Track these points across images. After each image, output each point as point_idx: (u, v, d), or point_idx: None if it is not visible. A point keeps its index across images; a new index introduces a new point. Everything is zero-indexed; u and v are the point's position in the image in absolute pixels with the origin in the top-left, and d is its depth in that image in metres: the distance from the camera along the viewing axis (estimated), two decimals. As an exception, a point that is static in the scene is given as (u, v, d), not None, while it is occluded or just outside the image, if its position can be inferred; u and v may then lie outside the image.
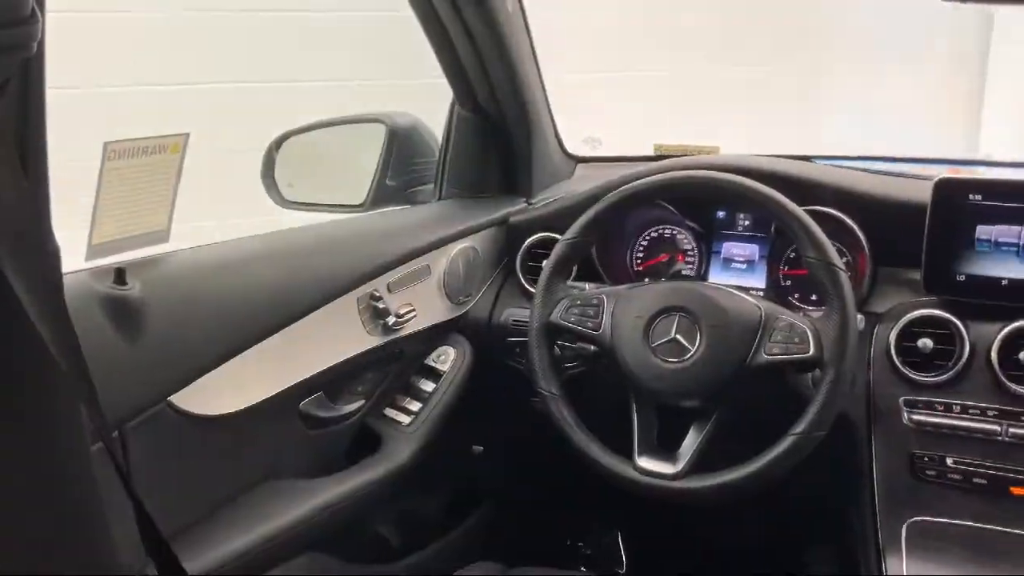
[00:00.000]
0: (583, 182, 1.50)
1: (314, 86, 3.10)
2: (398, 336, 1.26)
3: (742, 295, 1.09)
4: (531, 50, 1.44)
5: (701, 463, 1.06)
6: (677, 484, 1.05)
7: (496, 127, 1.48)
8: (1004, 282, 1.09)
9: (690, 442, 1.08)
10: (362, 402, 1.26)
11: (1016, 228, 1.09)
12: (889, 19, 3.55)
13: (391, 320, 1.23)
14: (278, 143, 1.46)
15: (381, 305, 1.22)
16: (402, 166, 1.48)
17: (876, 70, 3.58)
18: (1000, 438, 1.06)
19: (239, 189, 1.72)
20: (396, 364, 1.31)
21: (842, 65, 3.61)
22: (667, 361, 1.07)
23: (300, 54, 3.13)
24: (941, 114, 3.62)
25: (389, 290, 1.25)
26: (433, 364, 1.36)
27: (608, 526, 1.75)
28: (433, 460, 1.29)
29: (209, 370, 0.98)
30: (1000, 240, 1.09)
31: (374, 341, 1.23)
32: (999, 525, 1.05)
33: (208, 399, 0.99)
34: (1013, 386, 1.06)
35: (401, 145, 1.48)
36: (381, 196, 1.46)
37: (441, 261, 1.34)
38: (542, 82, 1.49)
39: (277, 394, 1.09)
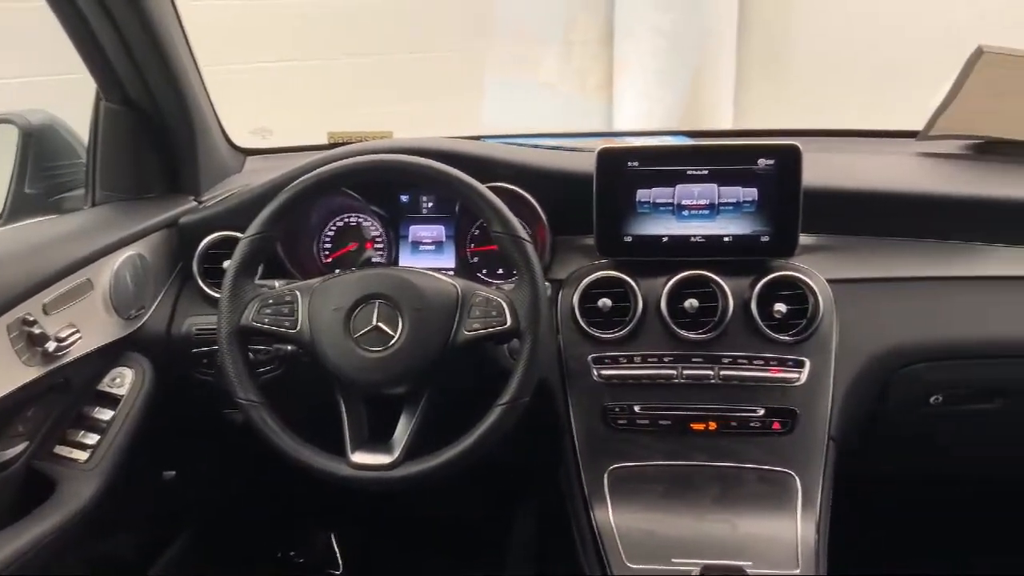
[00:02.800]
0: (256, 175, 1.42)
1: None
2: (62, 363, 1.11)
3: (438, 276, 1.10)
4: (184, 37, 1.32)
5: (416, 448, 1.05)
6: (394, 473, 1.03)
7: (152, 121, 1.34)
8: (665, 239, 1.20)
9: (402, 429, 1.06)
10: (26, 443, 1.09)
11: (670, 190, 1.19)
12: (540, 6, 3.77)
13: (51, 346, 1.07)
14: None
15: (37, 330, 1.06)
16: (42, 171, 1.30)
17: (530, 55, 3.80)
18: (677, 380, 1.17)
19: None
20: (63, 395, 1.15)
21: (499, 50, 3.78)
22: (371, 350, 1.04)
23: None
24: (587, 92, 3.93)
25: (45, 312, 1.09)
26: (108, 389, 1.21)
27: (322, 529, 1.70)
28: (121, 496, 1.16)
29: None
30: (658, 201, 1.20)
31: (32, 373, 1.07)
32: (685, 459, 1.16)
33: None
34: (682, 332, 1.17)
35: (38, 147, 1.30)
36: (20, 207, 1.27)
37: (104, 273, 1.19)
38: (199, 70, 1.38)
39: None
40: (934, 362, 1.21)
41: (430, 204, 1.34)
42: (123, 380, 1.22)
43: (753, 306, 1.17)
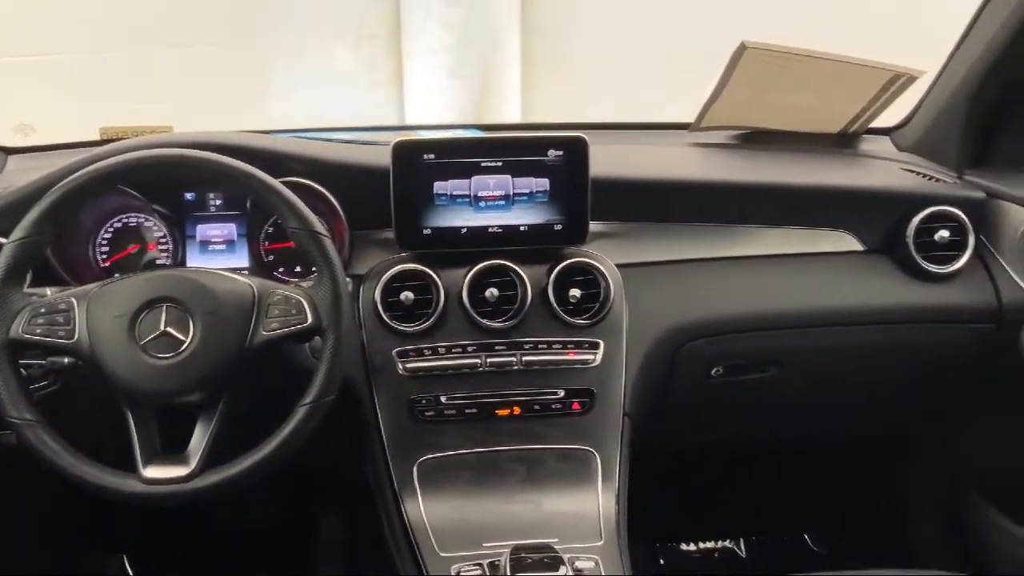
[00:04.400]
0: (19, 175, 1.29)
1: None
2: None
3: (231, 276, 1.05)
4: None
5: (215, 457, 1.00)
6: (191, 485, 0.98)
7: None
8: (463, 230, 1.22)
9: (199, 438, 1.01)
10: None
11: (466, 181, 1.21)
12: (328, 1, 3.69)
13: None
14: None
15: None
16: None
17: (318, 49, 3.71)
18: (481, 369, 1.19)
19: None
20: None
21: (289, 42, 3.66)
22: (160, 357, 0.98)
23: None
24: (378, 86, 3.89)
25: None
26: None
27: (113, 552, 1.59)
28: None
29: None
30: (455, 193, 1.21)
31: None
32: (491, 446, 1.18)
33: None
34: (484, 321, 1.19)
35: None
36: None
37: None
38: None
39: None
40: (713, 337, 1.30)
41: (218, 202, 1.28)
42: None
43: (550, 292, 1.21)
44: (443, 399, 1.19)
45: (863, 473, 1.78)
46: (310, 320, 1.02)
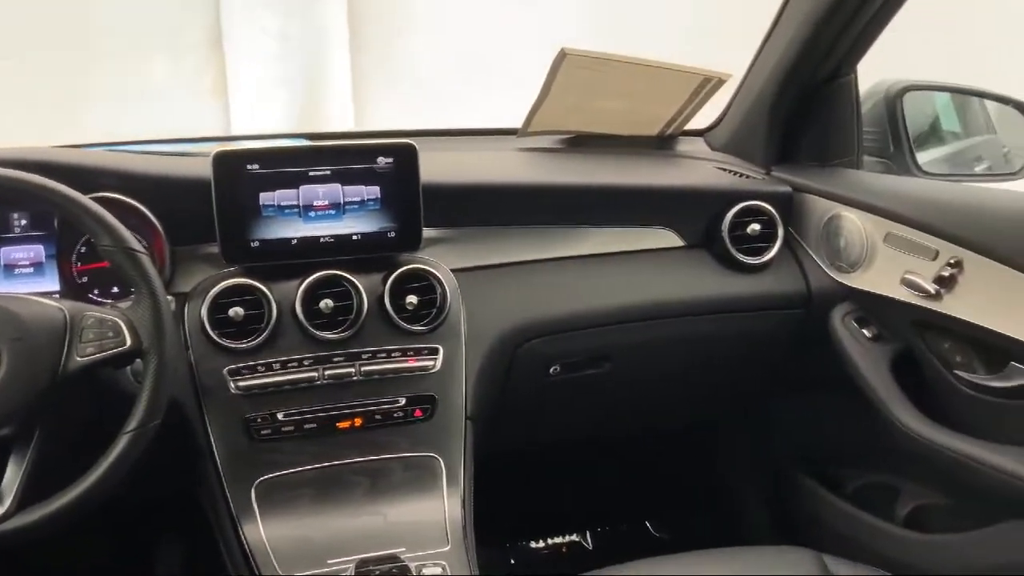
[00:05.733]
0: None
1: None
2: None
3: (38, 300, 0.98)
4: None
5: (32, 495, 0.93)
6: (7, 526, 0.91)
7: None
8: (294, 242, 1.19)
9: (12, 476, 0.93)
10: None
11: (294, 191, 1.18)
12: (142, 12, 3.52)
13: None
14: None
15: None
16: None
17: (137, 60, 3.54)
18: (319, 382, 1.16)
19: None
20: None
21: (105, 55, 3.47)
22: None
23: None
24: (202, 97, 3.75)
25: None
26: None
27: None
28: None
29: None
30: (283, 204, 1.18)
31: None
32: (334, 460, 1.16)
33: None
34: (320, 333, 1.17)
35: None
36: None
37: None
38: None
39: None
40: (549, 336, 1.33)
41: (23, 221, 1.19)
42: None
43: (386, 300, 1.20)
44: (280, 416, 1.15)
45: (695, 458, 1.87)
46: (129, 342, 0.96)
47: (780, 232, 1.43)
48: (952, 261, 1.24)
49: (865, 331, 1.38)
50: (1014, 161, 1.64)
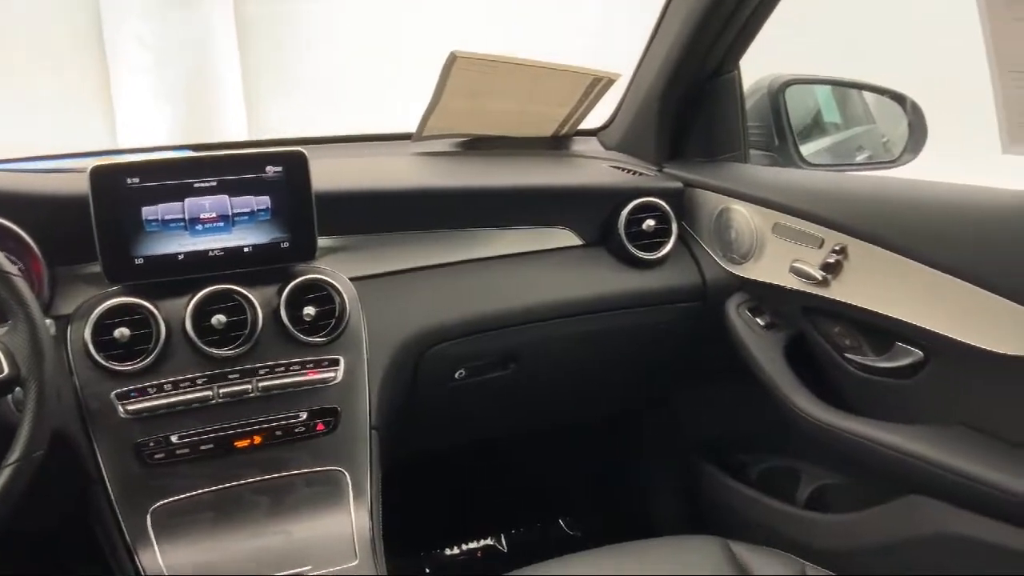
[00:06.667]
0: None
1: None
2: None
3: None
4: None
5: None
6: None
7: None
8: (180, 256, 1.14)
9: None
10: None
11: (178, 204, 1.13)
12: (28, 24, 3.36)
13: None
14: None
15: None
16: None
17: (15, 74, 3.38)
18: (214, 401, 1.12)
19: None
20: None
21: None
22: None
23: None
24: (85, 110, 3.60)
25: None
26: None
27: None
28: None
29: None
30: (167, 218, 1.13)
31: None
32: (233, 480, 1.12)
33: None
34: (213, 350, 1.13)
35: None
36: None
37: None
38: None
39: None
40: (454, 340, 1.32)
41: None
42: None
43: (282, 313, 1.17)
44: (174, 438, 1.11)
45: (606, 453, 1.89)
46: (6, 371, 0.91)
47: (674, 227, 1.46)
48: (837, 248, 1.28)
49: (759, 320, 1.42)
50: (893, 149, 1.71)
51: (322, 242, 1.22)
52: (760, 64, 1.60)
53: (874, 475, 1.31)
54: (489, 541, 1.90)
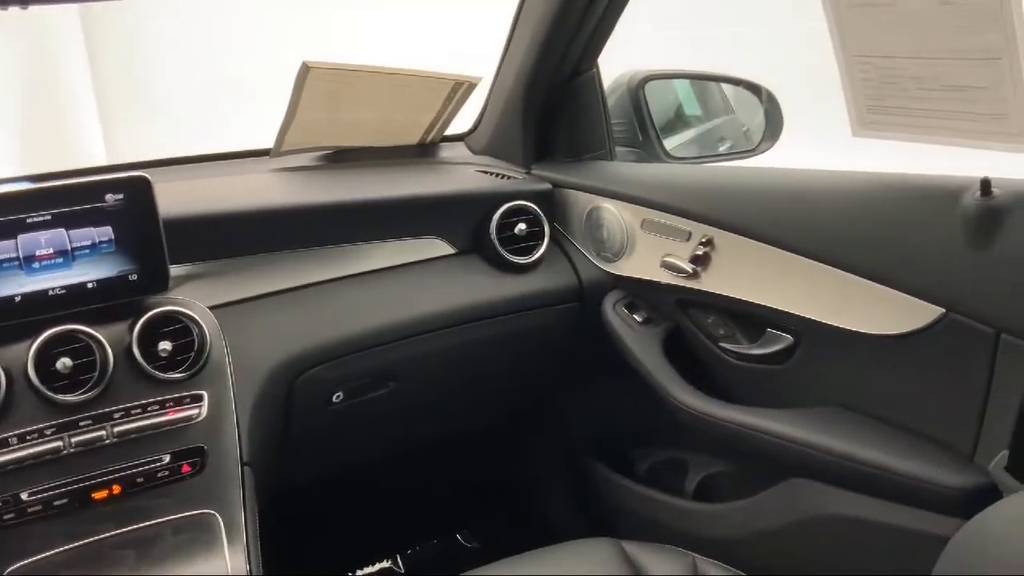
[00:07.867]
0: None
1: None
2: None
3: None
4: None
5: None
6: None
7: None
8: (17, 299, 1.05)
9: None
10: None
11: (11, 242, 1.05)
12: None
13: None
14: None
15: None
16: None
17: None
18: (67, 451, 1.04)
19: None
20: None
21: None
22: None
23: None
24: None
25: None
26: None
27: None
28: None
29: None
30: (0, 258, 1.04)
31: None
32: (91, 536, 1.03)
33: None
34: (61, 397, 1.04)
35: None
36: None
37: None
38: None
39: None
40: (328, 362, 1.27)
41: None
42: None
43: (135, 350, 1.09)
44: (24, 496, 1.02)
45: (498, 461, 1.87)
46: None
47: (546, 229, 1.45)
48: (704, 240, 1.30)
49: (636, 316, 1.43)
50: (753, 138, 1.75)
51: (176, 271, 1.15)
52: (621, 62, 1.61)
53: (756, 461, 1.33)
54: (386, 564, 1.85)
